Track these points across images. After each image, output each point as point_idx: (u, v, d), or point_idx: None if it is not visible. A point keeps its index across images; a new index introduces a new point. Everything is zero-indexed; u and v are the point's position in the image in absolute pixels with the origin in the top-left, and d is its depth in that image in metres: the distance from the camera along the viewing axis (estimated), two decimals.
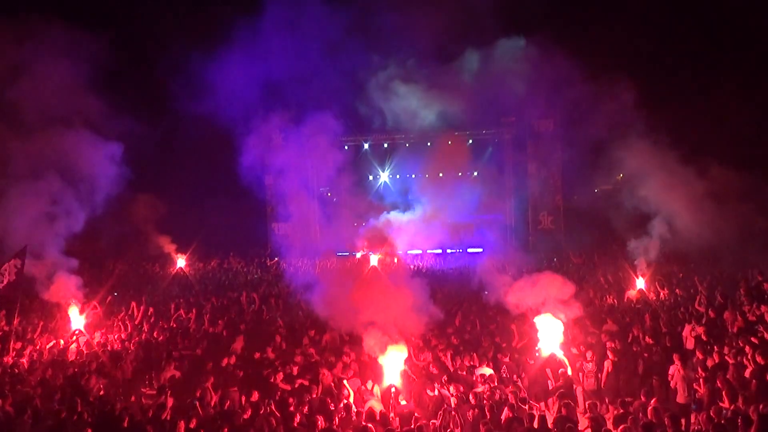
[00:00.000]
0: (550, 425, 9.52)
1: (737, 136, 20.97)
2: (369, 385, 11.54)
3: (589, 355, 12.42)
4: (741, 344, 11.29)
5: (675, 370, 11.31)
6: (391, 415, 10.45)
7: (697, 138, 20.21)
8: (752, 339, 11.43)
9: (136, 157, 18.52)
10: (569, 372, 11.90)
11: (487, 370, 11.91)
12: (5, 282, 14.21)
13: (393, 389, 11.17)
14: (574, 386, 12.02)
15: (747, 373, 10.41)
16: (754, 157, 20.80)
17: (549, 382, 11.94)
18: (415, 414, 10.25)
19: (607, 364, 12.20)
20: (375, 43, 23.38)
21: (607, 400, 11.57)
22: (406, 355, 12.01)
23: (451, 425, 9.97)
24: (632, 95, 19.57)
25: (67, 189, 16.84)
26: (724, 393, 9.83)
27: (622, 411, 9.69)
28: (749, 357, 10.65)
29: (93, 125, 17.35)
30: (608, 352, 12.41)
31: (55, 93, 16.94)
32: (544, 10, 22.40)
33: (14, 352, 13.46)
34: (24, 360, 13.07)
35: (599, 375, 12.23)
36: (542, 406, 11.57)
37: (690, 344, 12.79)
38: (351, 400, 10.97)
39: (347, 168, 27.03)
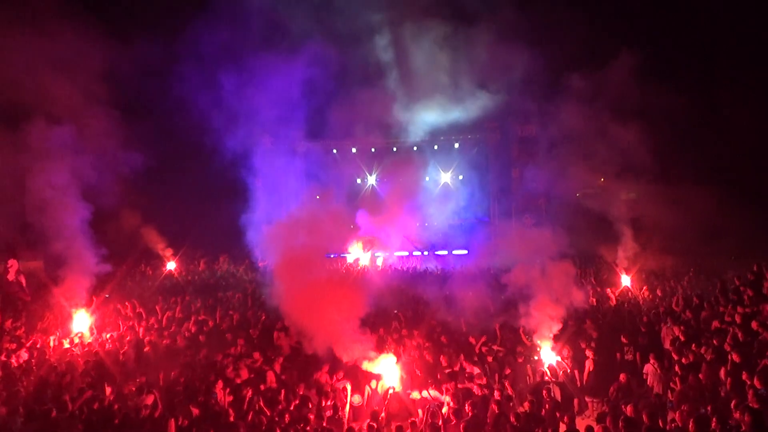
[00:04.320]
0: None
1: (729, 144, 21.30)
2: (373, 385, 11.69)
3: (565, 352, 12.76)
4: (716, 343, 11.67)
5: (650, 368, 11.69)
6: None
7: (685, 142, 20.57)
8: (727, 339, 11.78)
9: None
10: (548, 371, 12.21)
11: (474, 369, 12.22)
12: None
13: (391, 390, 11.36)
14: (550, 384, 12.32)
15: (722, 372, 10.75)
16: (749, 162, 21.19)
17: (527, 378, 12.30)
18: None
19: (588, 363, 12.53)
20: (363, 44, 23.66)
21: (587, 398, 11.93)
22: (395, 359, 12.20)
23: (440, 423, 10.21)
24: (616, 100, 20.01)
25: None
26: (696, 393, 10.18)
27: (605, 408, 10.04)
28: (724, 356, 10.99)
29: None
30: (588, 351, 12.76)
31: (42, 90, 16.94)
32: (531, 14, 22.65)
33: (5, 353, 13.47)
34: (14, 360, 13.11)
35: (580, 373, 12.56)
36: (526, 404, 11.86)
37: (667, 344, 13.16)
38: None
39: (335, 171, 27.29)
